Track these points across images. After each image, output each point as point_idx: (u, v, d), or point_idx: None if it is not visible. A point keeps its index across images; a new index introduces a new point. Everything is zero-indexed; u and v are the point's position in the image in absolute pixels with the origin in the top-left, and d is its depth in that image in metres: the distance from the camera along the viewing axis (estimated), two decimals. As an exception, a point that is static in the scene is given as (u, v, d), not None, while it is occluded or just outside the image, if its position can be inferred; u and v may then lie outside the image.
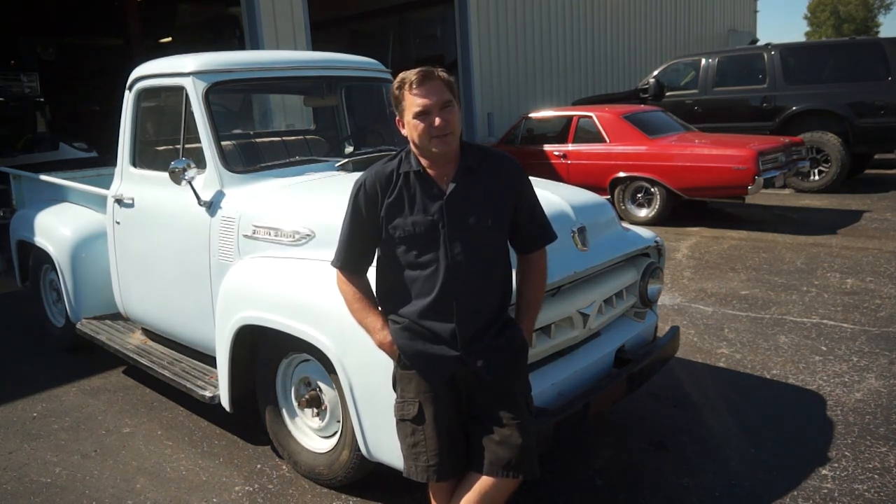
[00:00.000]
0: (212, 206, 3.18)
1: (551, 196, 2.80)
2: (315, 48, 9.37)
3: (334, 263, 2.12)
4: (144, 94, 3.73)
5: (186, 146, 3.33)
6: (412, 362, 2.01)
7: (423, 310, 1.98)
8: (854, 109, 9.02)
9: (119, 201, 3.77)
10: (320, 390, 2.82)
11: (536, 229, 2.13)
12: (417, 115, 1.92)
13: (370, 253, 2.09)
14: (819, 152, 9.19)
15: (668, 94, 10.56)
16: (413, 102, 1.92)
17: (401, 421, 2.05)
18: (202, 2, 15.13)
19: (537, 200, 2.14)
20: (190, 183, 3.13)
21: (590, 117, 8.34)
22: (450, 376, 2.00)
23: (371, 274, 2.13)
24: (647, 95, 10.57)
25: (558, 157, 8.44)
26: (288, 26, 9.35)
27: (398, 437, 2.08)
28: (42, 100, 11.98)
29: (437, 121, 1.90)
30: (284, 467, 3.08)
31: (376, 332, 2.06)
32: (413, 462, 2.02)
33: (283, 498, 2.87)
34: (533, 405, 2.14)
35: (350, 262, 2.09)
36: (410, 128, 1.94)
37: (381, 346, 2.07)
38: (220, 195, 3.18)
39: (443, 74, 1.94)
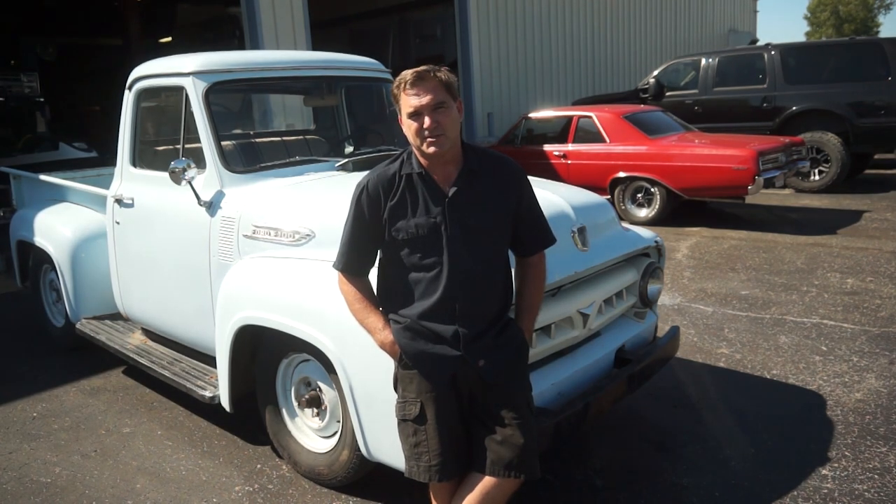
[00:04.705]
0: (212, 206, 3.18)
1: (551, 196, 2.80)
2: (315, 48, 9.37)
3: (336, 266, 2.12)
4: (144, 94, 3.73)
5: (186, 146, 3.33)
6: (414, 362, 2.01)
7: (425, 311, 1.98)
8: (854, 109, 9.02)
9: (119, 201, 3.77)
10: (320, 390, 2.82)
11: (536, 232, 2.13)
12: (410, 116, 1.93)
13: (372, 255, 2.10)
14: (819, 152, 9.19)
15: (668, 94, 10.56)
16: (406, 103, 1.93)
17: (402, 421, 2.05)
18: (202, 2, 15.12)
19: (538, 204, 2.14)
20: (190, 183, 3.13)
21: (590, 117, 8.34)
22: (451, 376, 2.00)
23: (372, 274, 2.13)
24: (647, 95, 10.57)
25: (558, 157, 8.44)
26: (288, 26, 9.34)
27: (400, 437, 2.08)
28: (42, 100, 11.97)
29: (427, 121, 1.90)
30: (284, 467, 3.08)
31: (377, 332, 2.06)
32: (415, 462, 2.02)
33: (283, 498, 2.87)
34: (533, 405, 2.14)
35: (352, 264, 2.09)
36: (405, 127, 1.96)
37: (382, 346, 2.06)
38: (220, 195, 3.18)
39: (441, 74, 1.94)
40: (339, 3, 14.47)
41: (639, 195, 7.98)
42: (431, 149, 1.93)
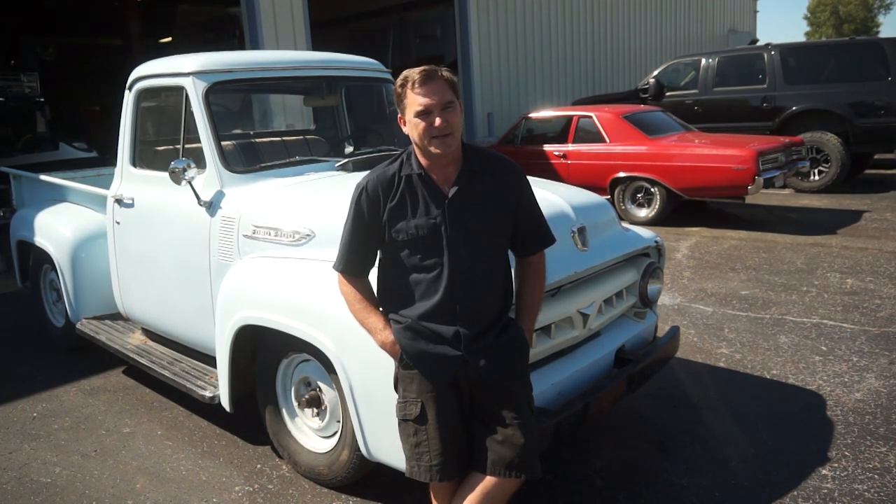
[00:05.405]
0: (212, 206, 3.18)
1: (551, 196, 2.80)
2: (315, 48, 9.37)
3: (336, 267, 2.12)
4: (144, 94, 3.73)
5: (186, 146, 3.33)
6: (415, 362, 2.01)
7: (426, 312, 1.99)
8: (854, 109, 9.02)
9: (119, 201, 3.77)
10: (320, 390, 2.82)
11: (536, 232, 2.13)
12: (418, 115, 1.92)
13: (372, 256, 2.10)
14: (819, 152, 9.19)
15: (668, 94, 10.56)
16: (415, 101, 1.92)
17: (403, 421, 2.05)
18: (202, 2, 15.12)
19: (537, 204, 2.14)
20: (190, 183, 3.13)
21: (590, 117, 8.34)
22: (453, 376, 2.00)
23: (372, 275, 2.13)
24: (647, 95, 10.56)
25: (558, 157, 8.44)
26: (288, 26, 9.35)
27: (400, 437, 2.08)
28: (42, 100, 11.96)
29: (438, 121, 1.90)
30: (284, 467, 3.08)
31: (378, 332, 2.06)
32: (416, 462, 2.02)
33: (283, 498, 2.87)
34: (534, 405, 2.14)
35: (352, 265, 2.09)
36: (411, 126, 1.95)
37: (383, 346, 2.06)
38: (220, 195, 3.18)
39: (446, 74, 1.95)
40: (339, 3, 14.47)
41: (639, 195, 7.97)
42: (439, 150, 1.93)
